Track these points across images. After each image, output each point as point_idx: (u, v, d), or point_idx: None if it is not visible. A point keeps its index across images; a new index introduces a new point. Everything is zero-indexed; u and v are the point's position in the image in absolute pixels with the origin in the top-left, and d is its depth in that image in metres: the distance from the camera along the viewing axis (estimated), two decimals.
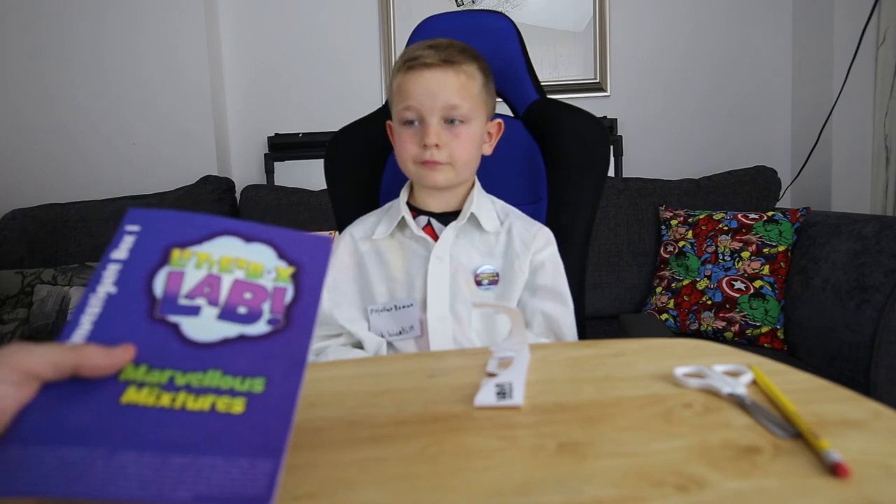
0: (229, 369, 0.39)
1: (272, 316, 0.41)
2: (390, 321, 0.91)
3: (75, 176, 2.35)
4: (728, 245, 1.78)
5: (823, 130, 2.11)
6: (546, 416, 0.46)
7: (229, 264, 0.43)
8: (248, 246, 0.44)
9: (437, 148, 0.88)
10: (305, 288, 0.43)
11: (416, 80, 0.88)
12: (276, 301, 0.42)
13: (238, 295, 0.42)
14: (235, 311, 0.41)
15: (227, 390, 0.38)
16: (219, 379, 0.38)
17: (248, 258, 0.43)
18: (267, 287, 0.43)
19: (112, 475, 0.34)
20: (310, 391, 0.56)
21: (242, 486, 0.34)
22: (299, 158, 2.31)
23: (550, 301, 0.93)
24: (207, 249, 0.43)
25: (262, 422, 0.37)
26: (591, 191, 1.07)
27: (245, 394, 0.38)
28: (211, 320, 0.41)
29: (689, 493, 0.35)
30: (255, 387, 0.39)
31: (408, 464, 0.40)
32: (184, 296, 0.41)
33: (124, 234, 0.43)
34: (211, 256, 0.43)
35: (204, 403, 0.37)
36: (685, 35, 2.33)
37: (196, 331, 0.40)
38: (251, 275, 0.43)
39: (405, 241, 0.95)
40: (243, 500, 0.34)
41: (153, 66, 2.31)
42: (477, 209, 0.94)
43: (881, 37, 1.98)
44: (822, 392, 0.48)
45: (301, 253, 0.45)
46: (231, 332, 0.41)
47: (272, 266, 0.43)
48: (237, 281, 0.42)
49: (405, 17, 2.35)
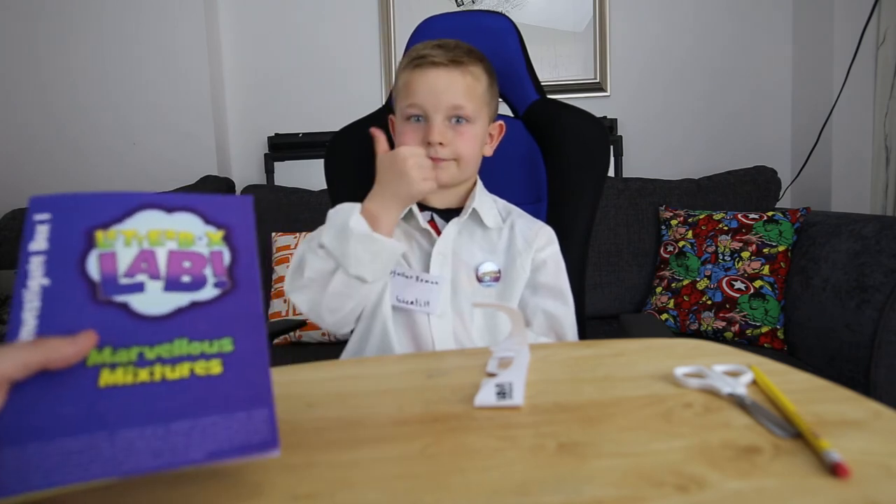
0: (194, 335, 0.40)
1: (217, 279, 0.42)
2: (409, 289, 0.90)
3: (75, 176, 2.35)
4: (728, 245, 1.78)
5: (823, 130, 2.11)
6: (546, 416, 0.46)
7: (158, 237, 0.42)
8: (171, 217, 0.43)
9: (441, 146, 0.88)
10: (240, 248, 0.43)
11: (423, 78, 0.89)
12: (217, 265, 0.43)
13: (177, 265, 0.42)
14: (179, 280, 0.42)
15: (199, 355, 0.39)
16: (187, 346, 0.39)
17: (176, 228, 0.43)
18: (203, 253, 0.43)
19: (123, 452, 0.35)
20: (310, 391, 0.56)
21: (247, 436, 0.37)
22: (299, 158, 2.31)
23: (552, 299, 0.93)
24: (131, 226, 0.42)
25: (242, 376, 0.39)
26: (592, 191, 1.07)
27: (217, 355, 0.40)
28: (158, 293, 0.41)
29: (689, 493, 0.35)
30: (225, 347, 0.40)
31: (408, 464, 0.40)
32: (123, 275, 0.41)
33: (35, 224, 0.41)
34: (137, 232, 0.42)
35: (182, 371, 0.39)
36: (685, 35, 2.33)
37: (146, 306, 0.40)
38: (183, 244, 0.43)
39: (411, 231, 0.95)
40: (253, 447, 0.37)
41: (153, 66, 2.31)
42: (479, 205, 0.94)
43: (881, 37, 1.98)
44: (822, 392, 0.48)
45: (226, 215, 0.44)
46: (182, 301, 0.41)
47: (202, 232, 0.43)
48: (172, 252, 0.42)
49: (405, 18, 2.35)
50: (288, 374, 0.62)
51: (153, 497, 0.39)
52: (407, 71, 0.91)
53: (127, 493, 0.40)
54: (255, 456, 0.38)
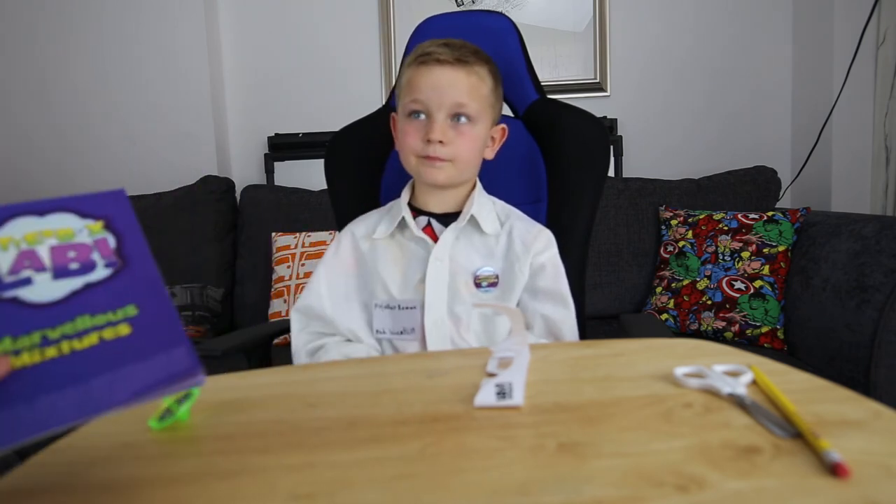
0: (96, 310, 0.39)
1: (107, 261, 0.41)
2: (392, 320, 0.91)
3: (75, 176, 2.35)
4: (728, 245, 1.78)
5: (823, 130, 2.11)
6: (546, 416, 0.46)
7: (36, 237, 0.41)
8: (45, 219, 0.42)
9: (441, 144, 0.88)
10: (125, 232, 0.43)
11: (427, 75, 0.88)
12: (103, 249, 0.42)
13: (62, 256, 0.41)
14: (67, 268, 0.41)
15: (105, 324, 0.39)
16: (90, 320, 0.39)
17: (52, 227, 0.42)
18: (87, 242, 0.42)
19: (45, 413, 0.35)
20: (310, 391, 0.56)
21: (169, 370, 0.38)
22: (299, 158, 2.31)
23: (551, 304, 0.92)
24: (6, 234, 0.41)
25: (153, 330, 0.39)
26: (592, 191, 1.07)
27: (123, 320, 0.39)
28: (48, 283, 0.40)
29: (688, 493, 0.35)
30: (129, 312, 0.39)
31: (408, 464, 0.40)
32: (6, 274, 0.39)
33: None
34: (13, 237, 0.41)
35: (91, 339, 0.38)
36: (685, 35, 2.33)
37: (38, 295, 0.39)
38: (63, 238, 0.41)
39: (405, 243, 0.94)
40: (176, 377, 0.37)
41: (153, 66, 2.31)
42: (477, 211, 0.94)
43: (881, 37, 1.98)
44: (822, 392, 0.48)
45: (102, 208, 0.43)
46: (76, 285, 0.40)
47: (80, 226, 0.42)
48: (53, 247, 0.41)
49: (405, 18, 2.35)
50: (288, 374, 0.62)
51: (153, 499, 0.39)
52: (412, 68, 0.91)
53: (127, 499, 0.40)
54: (181, 385, 0.38)
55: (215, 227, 2.13)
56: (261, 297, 2.02)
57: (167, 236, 2.07)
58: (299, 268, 1.92)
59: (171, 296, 1.90)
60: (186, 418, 0.50)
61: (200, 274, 2.06)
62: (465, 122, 0.89)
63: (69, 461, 0.45)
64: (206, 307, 1.93)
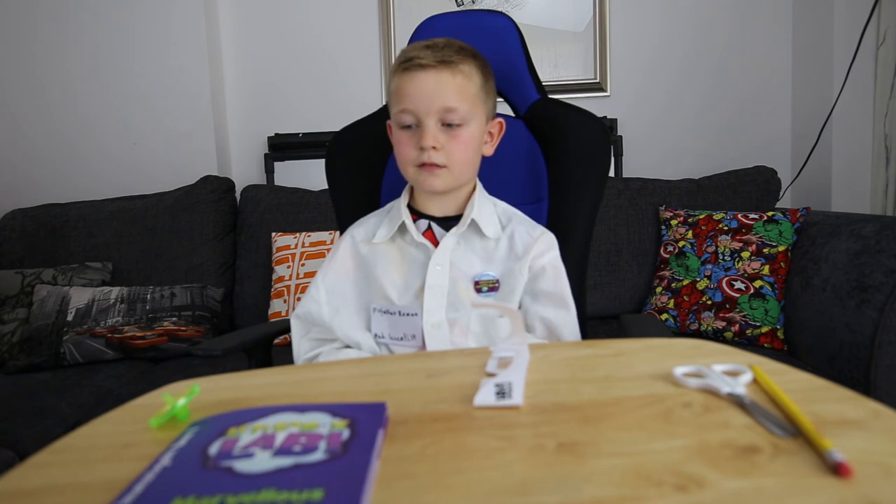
0: (284, 486, 0.37)
1: (329, 449, 0.41)
2: (391, 325, 0.91)
3: (75, 176, 2.35)
4: (728, 245, 1.78)
5: (823, 130, 2.11)
6: (546, 416, 0.46)
7: (284, 426, 0.45)
8: (302, 415, 0.46)
9: (435, 150, 0.87)
10: (364, 432, 0.43)
11: (412, 82, 0.87)
12: (333, 440, 0.43)
13: (294, 440, 0.43)
14: (291, 449, 0.42)
15: (284, 501, 0.36)
16: (274, 494, 0.36)
17: (304, 420, 0.46)
18: (322, 433, 0.44)
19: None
20: (310, 391, 0.56)
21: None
22: (299, 158, 2.31)
23: (552, 306, 0.92)
24: (262, 422, 0.46)
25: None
26: (593, 190, 1.07)
27: (305, 501, 0.36)
28: (266, 459, 0.41)
29: (688, 492, 0.35)
30: (315, 495, 0.36)
31: (408, 463, 0.40)
32: (238, 449, 0.42)
33: (188, 430, 0.46)
34: (265, 425, 0.45)
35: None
36: (685, 35, 2.33)
37: (248, 466, 0.40)
38: (306, 429, 0.44)
39: (405, 247, 0.94)
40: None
41: (153, 66, 2.31)
42: (478, 215, 0.93)
43: (881, 37, 1.98)
44: (822, 392, 0.48)
45: (355, 412, 0.47)
46: (286, 463, 0.40)
47: (327, 422, 0.45)
48: (293, 434, 0.44)
49: (405, 18, 2.35)
50: (288, 374, 0.62)
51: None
52: (397, 75, 0.89)
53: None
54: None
55: (215, 227, 2.13)
56: (261, 297, 2.02)
57: (167, 236, 2.07)
58: (299, 268, 1.92)
59: (171, 296, 1.90)
60: (185, 417, 0.50)
61: (200, 274, 2.06)
62: (456, 126, 0.88)
63: (69, 461, 0.45)
64: (206, 307, 1.92)
